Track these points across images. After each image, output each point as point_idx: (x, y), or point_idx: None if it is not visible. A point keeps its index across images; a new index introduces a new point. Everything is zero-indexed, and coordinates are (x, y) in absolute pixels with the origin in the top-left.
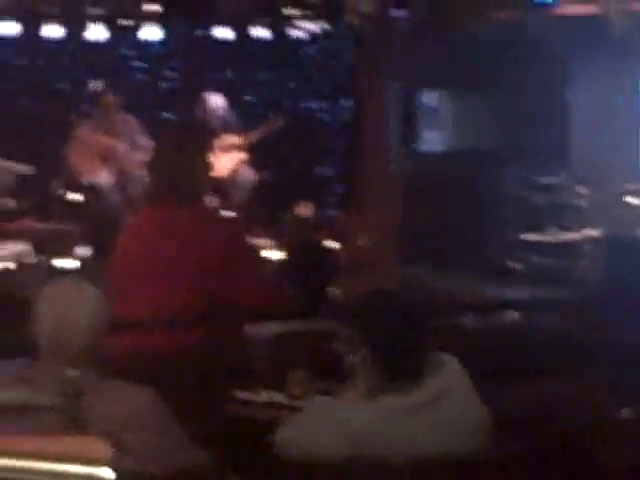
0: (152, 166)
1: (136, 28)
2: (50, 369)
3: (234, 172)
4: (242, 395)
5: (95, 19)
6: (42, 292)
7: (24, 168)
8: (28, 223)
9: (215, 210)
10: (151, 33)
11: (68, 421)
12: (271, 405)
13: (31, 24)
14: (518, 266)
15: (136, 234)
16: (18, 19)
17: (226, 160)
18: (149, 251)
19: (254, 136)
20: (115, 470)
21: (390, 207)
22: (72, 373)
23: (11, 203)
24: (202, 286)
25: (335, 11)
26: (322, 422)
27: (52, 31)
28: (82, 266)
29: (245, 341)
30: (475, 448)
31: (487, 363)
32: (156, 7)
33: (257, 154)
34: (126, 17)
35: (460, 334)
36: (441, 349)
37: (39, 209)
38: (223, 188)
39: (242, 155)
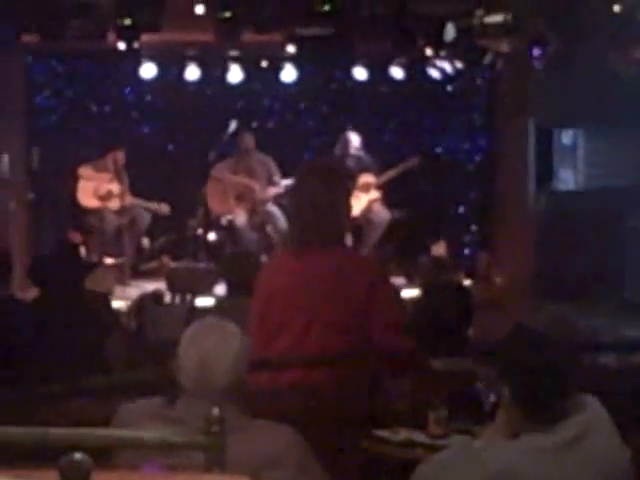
0: (294, 208)
1: (276, 69)
2: (194, 407)
3: (370, 211)
4: (382, 434)
5: (235, 60)
6: (187, 331)
7: (162, 207)
8: (165, 262)
9: (357, 251)
10: (290, 74)
11: (211, 459)
12: (411, 444)
13: (173, 66)
14: None
15: (279, 276)
16: (160, 61)
17: (362, 199)
18: (292, 293)
19: (390, 175)
20: None
21: (526, 245)
22: (216, 412)
23: (149, 242)
24: (346, 328)
25: (474, 50)
26: (462, 461)
27: (193, 73)
28: (219, 305)
29: (386, 379)
30: None
31: (628, 404)
32: (294, 48)
33: (393, 193)
34: (266, 58)
35: (601, 374)
36: (582, 389)
37: (176, 248)
38: (358, 227)
39: (378, 194)
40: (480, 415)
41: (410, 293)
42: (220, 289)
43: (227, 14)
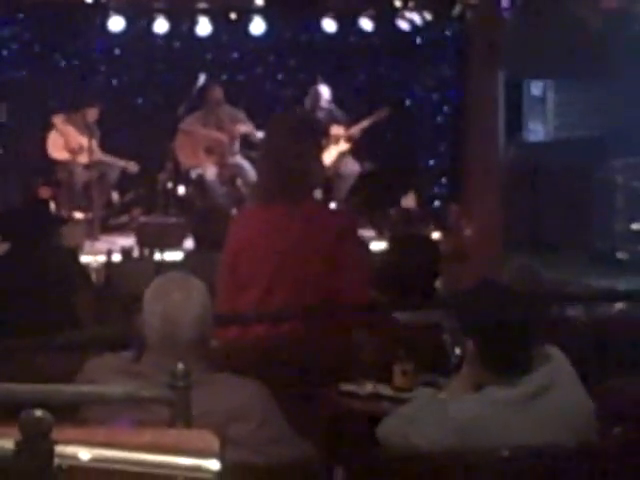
0: (263, 161)
1: (245, 22)
2: (159, 362)
3: (339, 164)
4: (347, 387)
5: (204, 12)
6: (151, 286)
7: (130, 165)
8: (135, 216)
9: (325, 204)
10: (259, 27)
11: (176, 413)
12: (376, 397)
13: (142, 19)
14: (626, 256)
15: (247, 230)
16: (128, 15)
17: (332, 152)
18: (260, 247)
19: (360, 127)
20: (221, 461)
21: (496, 197)
22: (181, 366)
23: (118, 197)
24: (313, 281)
25: (443, 1)
26: (427, 414)
27: (161, 26)
28: (187, 259)
29: (352, 333)
30: (581, 440)
31: (593, 355)
32: (263, 0)
33: (362, 146)
34: (235, 10)
35: (567, 326)
36: (548, 341)
37: (146, 203)
38: (328, 180)
39: (347, 147)
40: (446, 368)
41: (379, 246)
42: (189, 243)
43: None
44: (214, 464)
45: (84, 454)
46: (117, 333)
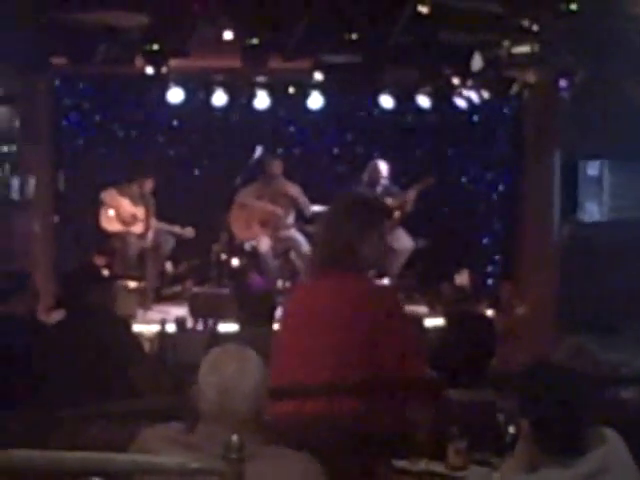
0: (319, 236)
1: (303, 96)
2: (213, 434)
3: (392, 238)
4: (401, 464)
5: (262, 86)
6: (206, 357)
7: (187, 231)
8: (188, 287)
9: (373, 279)
10: (317, 101)
11: None
12: (430, 474)
13: (201, 91)
14: None
15: (296, 304)
16: (187, 87)
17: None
18: (313, 320)
19: (408, 197)
20: None
21: (549, 276)
22: (235, 438)
23: (172, 268)
24: (362, 356)
25: (501, 80)
26: None
27: (220, 98)
28: (242, 330)
29: (407, 410)
30: None
31: None
32: (321, 75)
33: (417, 223)
34: (293, 84)
35: (621, 408)
36: (603, 423)
37: (199, 273)
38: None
39: (398, 219)
40: (500, 447)
41: (433, 322)
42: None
43: (254, 41)
44: None
45: None
46: (170, 404)
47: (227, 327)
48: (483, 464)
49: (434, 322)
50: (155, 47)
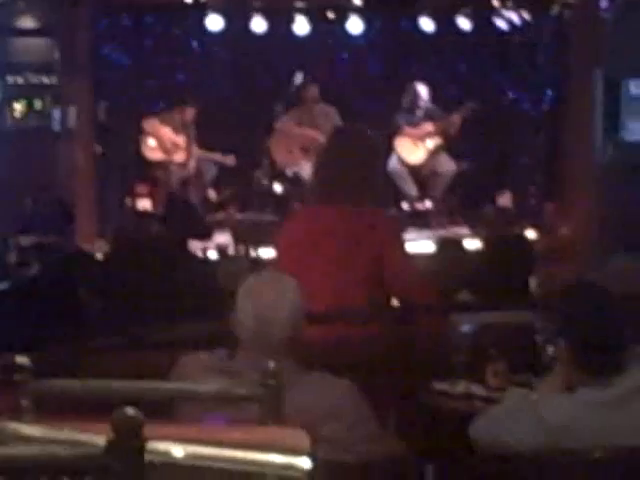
0: (322, 166)
1: (341, 20)
2: (251, 360)
3: (435, 162)
4: (440, 386)
5: (301, 11)
6: (243, 285)
7: (228, 159)
8: (231, 214)
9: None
10: (356, 25)
11: (268, 412)
12: (469, 396)
13: (239, 18)
14: None
15: (298, 228)
16: (226, 14)
17: (423, 148)
18: (308, 245)
19: (450, 121)
20: (313, 459)
21: (593, 196)
22: (272, 365)
23: (215, 195)
24: (361, 279)
25: (541, 1)
26: (519, 414)
27: (259, 25)
28: None
29: (446, 332)
30: None
31: None
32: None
33: (459, 144)
34: (332, 9)
35: None
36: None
37: (242, 200)
38: (423, 177)
39: (440, 141)
40: (539, 368)
41: (474, 244)
42: None
43: None
44: (305, 462)
45: (176, 451)
46: (212, 330)
47: (268, 253)
48: (522, 385)
49: (475, 244)
50: None
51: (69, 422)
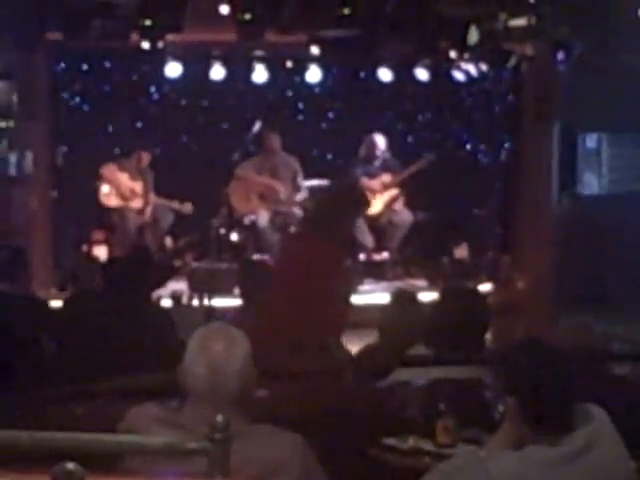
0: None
1: (300, 70)
2: (200, 413)
3: (392, 212)
4: (389, 441)
5: (260, 60)
6: (194, 336)
7: (185, 207)
8: (187, 261)
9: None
10: (315, 75)
11: (216, 465)
12: (418, 452)
13: (199, 65)
14: None
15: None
16: (185, 61)
17: (381, 199)
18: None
19: (408, 173)
20: None
21: (549, 249)
22: (220, 418)
23: (171, 242)
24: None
25: (498, 53)
26: (467, 472)
27: (218, 72)
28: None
29: (395, 387)
30: None
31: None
32: (318, 49)
33: (416, 195)
34: (291, 59)
35: (613, 384)
36: (592, 400)
37: (199, 248)
38: (380, 227)
39: (396, 192)
40: (489, 424)
41: (431, 296)
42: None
43: (248, 15)
44: None
45: None
46: (166, 380)
47: (224, 302)
48: (472, 442)
49: (432, 296)
50: (148, 22)
51: (10, 475)
